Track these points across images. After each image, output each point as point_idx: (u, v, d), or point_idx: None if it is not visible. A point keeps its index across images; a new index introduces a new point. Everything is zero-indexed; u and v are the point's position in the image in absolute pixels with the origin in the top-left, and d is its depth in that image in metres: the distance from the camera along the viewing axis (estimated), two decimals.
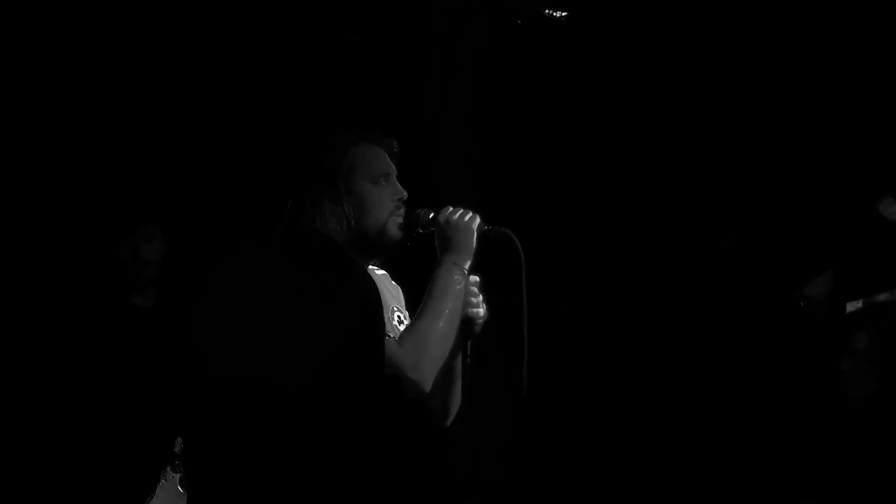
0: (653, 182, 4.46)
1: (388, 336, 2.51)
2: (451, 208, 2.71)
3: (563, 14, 4.14)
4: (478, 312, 2.73)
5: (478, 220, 2.70)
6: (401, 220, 2.71)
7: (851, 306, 4.15)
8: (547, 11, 4.16)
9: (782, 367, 4.24)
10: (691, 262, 4.41)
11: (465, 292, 2.65)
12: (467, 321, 2.69)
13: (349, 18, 4.40)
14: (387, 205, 2.70)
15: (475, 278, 2.72)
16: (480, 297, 2.74)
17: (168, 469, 3.61)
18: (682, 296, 4.50)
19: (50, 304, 3.72)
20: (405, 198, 2.73)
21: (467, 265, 2.66)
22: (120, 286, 3.82)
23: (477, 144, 4.51)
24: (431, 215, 2.72)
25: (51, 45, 4.03)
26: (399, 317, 2.77)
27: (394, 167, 2.76)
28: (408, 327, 2.67)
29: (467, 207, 2.72)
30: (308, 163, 2.72)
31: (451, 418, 2.75)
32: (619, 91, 4.44)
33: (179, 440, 3.73)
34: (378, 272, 2.79)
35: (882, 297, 3.97)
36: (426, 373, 2.56)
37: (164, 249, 3.83)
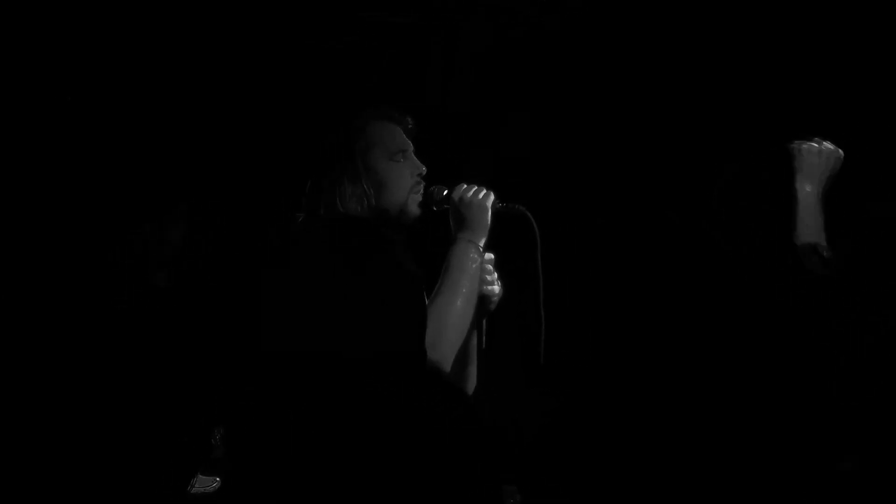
0: (653, 182, 4.46)
1: None
2: (464, 185, 2.69)
3: None
4: (493, 290, 2.71)
5: (492, 196, 2.68)
6: (421, 196, 2.70)
7: None
8: None
9: (781, 363, 4.22)
10: (691, 262, 4.40)
11: (480, 270, 2.63)
12: (483, 299, 2.68)
13: (349, 18, 4.39)
14: (406, 181, 2.69)
15: (490, 256, 2.70)
16: (495, 275, 2.72)
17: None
18: (680, 293, 4.48)
19: (73, 291, 3.71)
20: (424, 173, 2.72)
21: (482, 242, 2.64)
22: (143, 265, 3.81)
23: (477, 144, 4.50)
24: (445, 192, 2.70)
25: (55, 44, 4.03)
26: None
27: (410, 143, 2.75)
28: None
29: (481, 184, 2.70)
30: (325, 144, 2.71)
31: None
32: (620, 90, 4.44)
33: (217, 435, 3.73)
34: None
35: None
36: (445, 352, 2.53)
37: (186, 231, 3.83)
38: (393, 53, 4.47)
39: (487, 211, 2.66)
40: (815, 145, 2.74)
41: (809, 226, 2.64)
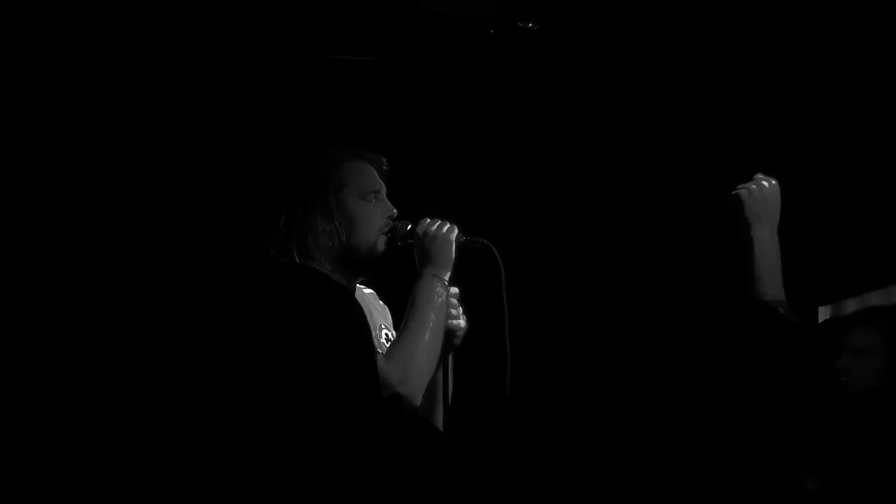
0: (643, 191, 4.44)
1: (377, 353, 2.50)
2: (428, 220, 2.69)
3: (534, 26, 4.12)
4: (458, 324, 2.72)
5: (456, 230, 2.68)
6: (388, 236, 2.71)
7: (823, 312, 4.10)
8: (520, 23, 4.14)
9: (780, 363, 4.20)
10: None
11: (446, 304, 2.64)
12: (448, 334, 2.68)
13: (338, 27, 4.37)
14: (377, 222, 2.69)
15: (455, 290, 2.71)
16: (461, 309, 2.73)
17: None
18: (678, 296, 4.45)
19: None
20: (395, 215, 2.72)
21: (447, 277, 2.65)
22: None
23: (466, 153, 4.48)
24: (409, 227, 2.71)
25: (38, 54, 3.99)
26: (387, 335, 2.77)
27: (383, 184, 2.75)
28: (393, 342, 2.67)
29: (445, 218, 2.70)
30: (299, 177, 2.72)
31: None
32: (608, 100, 4.42)
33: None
34: (365, 291, 2.79)
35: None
36: (415, 386, 2.56)
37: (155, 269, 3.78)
38: (382, 62, 4.45)
39: (452, 245, 2.66)
40: (765, 184, 2.62)
41: (765, 281, 2.54)
